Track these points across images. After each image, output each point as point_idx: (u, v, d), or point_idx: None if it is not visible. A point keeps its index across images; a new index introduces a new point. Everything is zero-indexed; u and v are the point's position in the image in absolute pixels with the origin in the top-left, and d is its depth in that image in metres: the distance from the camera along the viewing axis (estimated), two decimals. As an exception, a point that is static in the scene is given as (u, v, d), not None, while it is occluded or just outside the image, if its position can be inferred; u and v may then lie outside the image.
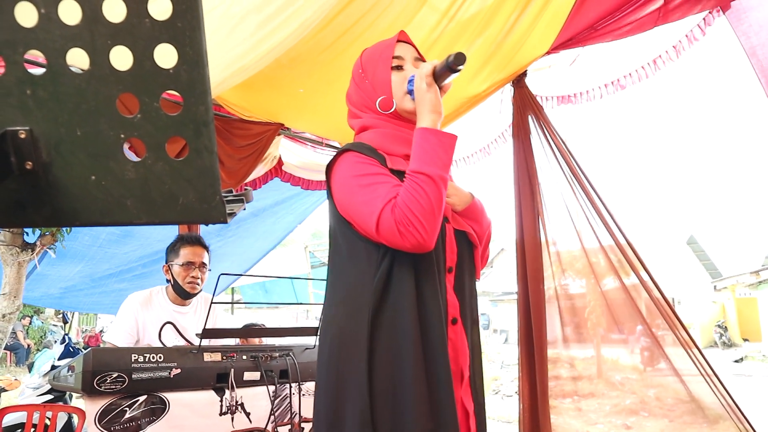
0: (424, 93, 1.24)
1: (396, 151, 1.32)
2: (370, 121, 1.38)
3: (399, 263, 1.20)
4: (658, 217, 30.55)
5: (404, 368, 1.16)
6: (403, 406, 1.15)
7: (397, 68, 1.37)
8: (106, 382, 1.67)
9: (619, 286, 2.82)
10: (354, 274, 1.26)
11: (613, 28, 2.70)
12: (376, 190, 1.19)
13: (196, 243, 2.63)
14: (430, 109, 1.23)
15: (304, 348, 2.20)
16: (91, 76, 0.45)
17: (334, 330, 1.26)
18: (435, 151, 1.19)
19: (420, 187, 1.14)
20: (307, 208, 5.22)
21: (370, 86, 1.38)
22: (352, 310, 1.23)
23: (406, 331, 1.17)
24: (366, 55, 1.44)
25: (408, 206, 1.13)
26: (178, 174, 0.46)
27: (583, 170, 2.85)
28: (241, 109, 3.36)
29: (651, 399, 2.90)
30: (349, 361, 1.19)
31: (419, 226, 1.12)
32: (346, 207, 1.26)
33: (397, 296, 1.19)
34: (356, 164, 1.25)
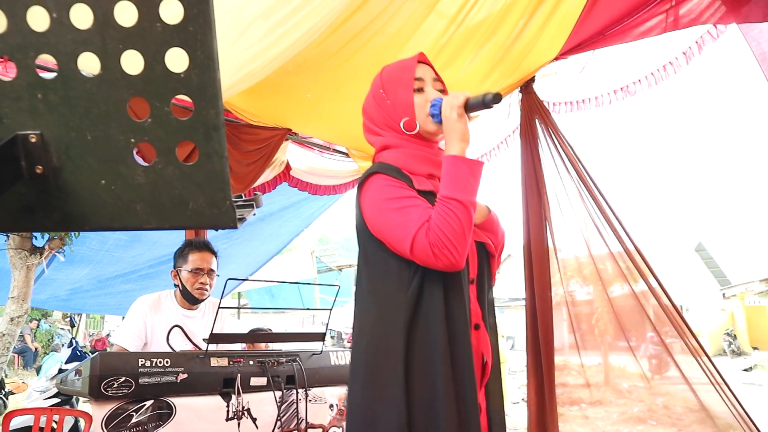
0: (455, 122, 1.30)
1: (420, 171, 1.39)
2: (392, 140, 1.43)
3: (429, 279, 1.28)
4: (667, 223, 30.37)
5: (436, 375, 1.24)
6: (436, 411, 1.23)
7: (418, 90, 1.42)
8: (113, 387, 1.67)
9: (627, 292, 2.80)
10: (386, 288, 1.33)
11: (622, 32, 2.69)
12: (409, 213, 1.26)
13: (204, 248, 2.62)
14: (459, 138, 1.30)
15: (311, 354, 2.19)
16: (101, 81, 0.44)
17: (368, 339, 1.33)
18: (465, 177, 1.27)
19: (452, 211, 1.22)
20: (313, 213, 5.22)
21: (392, 106, 1.43)
22: (386, 322, 1.30)
23: (437, 341, 1.25)
24: (386, 74, 1.48)
25: (441, 230, 1.21)
26: (188, 178, 0.46)
27: (591, 176, 2.83)
28: (249, 115, 3.37)
29: (659, 407, 2.88)
30: (385, 368, 1.26)
31: (452, 248, 1.21)
32: (378, 228, 1.32)
33: (428, 309, 1.27)
34: (387, 187, 1.32)
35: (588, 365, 2.96)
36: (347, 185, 4.52)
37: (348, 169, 4.41)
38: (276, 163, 3.73)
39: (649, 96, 3.04)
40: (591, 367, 2.97)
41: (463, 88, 3.11)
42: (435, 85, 1.45)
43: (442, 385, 1.23)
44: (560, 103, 3.35)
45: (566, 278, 2.98)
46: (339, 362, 2.26)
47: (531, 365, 2.94)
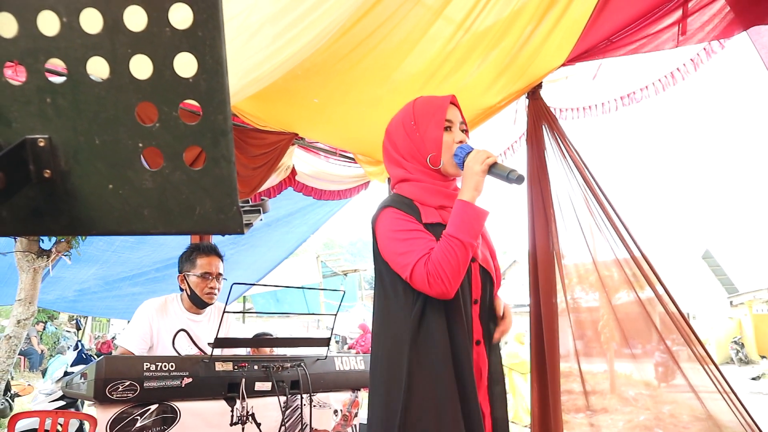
0: (476, 174, 1.46)
1: (431, 203, 1.54)
2: (413, 173, 1.59)
3: (431, 300, 1.44)
4: (674, 231, 30.22)
5: (441, 384, 1.40)
6: (441, 415, 1.38)
7: (447, 130, 1.58)
8: (117, 390, 1.67)
9: (633, 299, 2.79)
10: (396, 307, 1.50)
11: (630, 41, 2.68)
12: (413, 245, 1.44)
13: (212, 253, 2.61)
14: (474, 187, 1.46)
15: (316, 359, 2.19)
16: (110, 85, 0.45)
17: (381, 353, 1.50)
18: (471, 222, 1.42)
19: (453, 249, 1.38)
20: (320, 219, 5.22)
21: (421, 140, 1.57)
22: (395, 337, 1.47)
23: (440, 355, 1.41)
24: (419, 107, 1.62)
25: (440, 263, 1.38)
26: (195, 184, 0.45)
27: (598, 182, 2.82)
28: (256, 119, 3.38)
29: (665, 415, 2.85)
30: (395, 379, 1.42)
31: (446, 280, 1.37)
32: (387, 255, 1.50)
33: (430, 327, 1.44)
34: (395, 220, 1.49)
35: (593, 372, 2.94)
36: (352, 191, 4.52)
37: (354, 174, 4.41)
38: (282, 167, 3.74)
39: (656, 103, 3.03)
40: (596, 375, 2.96)
41: (470, 93, 3.13)
42: (461, 128, 1.61)
43: (447, 394, 1.38)
44: (567, 109, 3.35)
45: (571, 285, 2.97)
46: (344, 368, 2.26)
47: (535, 372, 2.93)
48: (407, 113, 1.62)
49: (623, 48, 2.74)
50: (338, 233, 52.13)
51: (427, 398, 1.39)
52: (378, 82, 2.96)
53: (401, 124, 1.62)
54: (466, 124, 1.65)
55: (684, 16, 2.53)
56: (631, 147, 70.45)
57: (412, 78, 2.92)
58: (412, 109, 1.62)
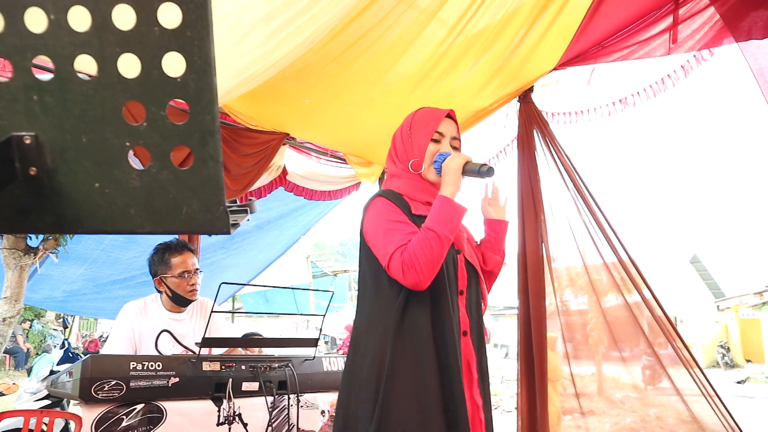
0: (453, 171, 1.53)
1: (419, 198, 1.62)
2: (401, 172, 1.67)
3: (416, 291, 1.47)
4: (662, 235, 30.45)
5: (425, 377, 1.43)
6: (425, 408, 1.41)
7: (436, 141, 1.65)
8: (103, 390, 1.66)
9: (621, 303, 2.81)
10: (378, 296, 1.53)
11: (621, 46, 2.70)
12: (394, 235, 1.48)
13: (184, 249, 2.57)
14: (452, 183, 1.52)
15: (304, 359, 2.19)
16: (98, 84, 0.44)
17: (361, 342, 1.53)
18: (448, 216, 1.47)
19: (428, 241, 1.42)
20: (311, 220, 5.21)
21: (410, 145, 1.66)
22: (377, 327, 1.50)
23: (424, 346, 1.45)
24: (418, 116, 1.71)
25: (415, 253, 1.41)
26: (182, 183, 0.45)
27: (587, 186, 2.84)
28: (248, 118, 3.37)
29: (652, 418, 2.87)
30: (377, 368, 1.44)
31: (420, 270, 1.41)
32: (371, 243, 1.55)
33: (414, 316, 1.47)
34: (383, 210, 1.55)
35: (582, 375, 2.96)
36: (343, 191, 4.52)
37: (344, 175, 4.41)
38: (273, 167, 3.73)
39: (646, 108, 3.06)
40: (584, 377, 2.97)
41: (461, 95, 3.14)
42: (452, 142, 1.68)
43: (431, 384, 1.42)
44: (558, 113, 3.36)
45: (561, 288, 2.98)
46: (331, 368, 2.26)
47: (523, 374, 2.94)
48: (407, 120, 1.72)
49: (614, 54, 2.76)
50: (328, 234, 52.04)
51: (408, 386, 1.42)
52: (370, 84, 2.96)
53: (401, 129, 1.72)
54: (460, 139, 1.72)
55: (675, 24, 2.55)
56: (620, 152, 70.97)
57: (405, 79, 2.92)
58: (412, 118, 1.71)
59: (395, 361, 1.43)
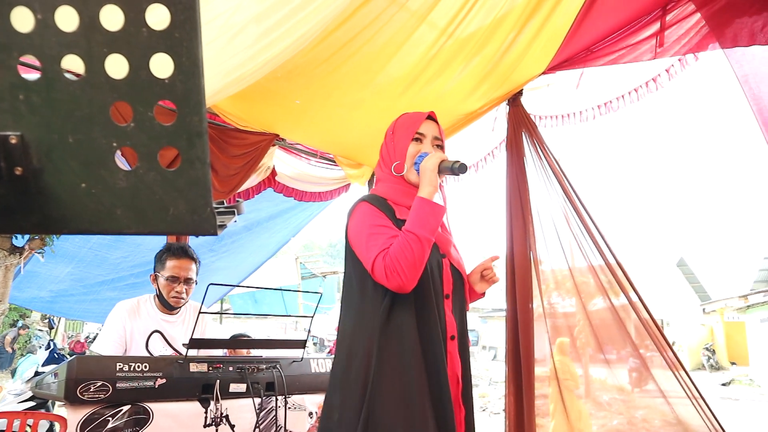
0: (429, 171, 1.54)
1: (404, 203, 1.63)
2: (386, 177, 1.70)
3: (401, 293, 1.47)
4: (650, 238, 30.71)
5: (411, 378, 1.43)
6: (409, 404, 1.41)
7: (417, 140, 1.67)
8: (89, 391, 1.65)
9: (607, 306, 2.82)
10: (364, 300, 1.54)
11: (609, 51, 2.73)
12: (377, 240, 1.49)
13: (183, 255, 2.57)
14: (428, 183, 1.53)
15: (292, 361, 2.18)
16: (85, 84, 0.44)
17: (347, 345, 1.53)
18: (426, 217, 1.48)
19: (409, 243, 1.43)
20: (301, 222, 5.20)
21: (393, 148, 1.68)
22: (362, 330, 1.50)
23: (410, 348, 1.45)
24: (400, 120, 1.73)
25: (397, 257, 1.42)
26: (169, 184, 0.45)
27: (575, 190, 2.86)
28: (237, 119, 3.36)
29: (638, 420, 2.89)
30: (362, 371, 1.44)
31: (402, 273, 1.41)
32: (355, 247, 1.56)
33: (400, 319, 1.48)
34: (367, 214, 1.57)
35: (569, 377, 2.97)
36: (333, 193, 4.51)
37: (334, 176, 4.41)
38: (262, 168, 3.72)
39: (634, 112, 3.12)
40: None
41: (451, 99, 3.15)
42: (434, 142, 1.69)
43: (417, 388, 1.42)
44: (546, 116, 3.39)
45: (548, 290, 3.00)
46: (320, 370, 2.25)
47: (511, 376, 2.95)
48: (391, 125, 1.74)
49: (602, 58, 2.78)
50: (318, 235, 51.97)
51: (395, 389, 1.42)
52: (360, 85, 2.97)
53: (386, 134, 1.75)
54: (443, 139, 1.73)
55: (662, 29, 2.58)
56: (609, 156, 71.50)
57: (395, 82, 2.93)
58: (395, 122, 1.74)
59: (381, 364, 1.44)
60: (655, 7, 2.57)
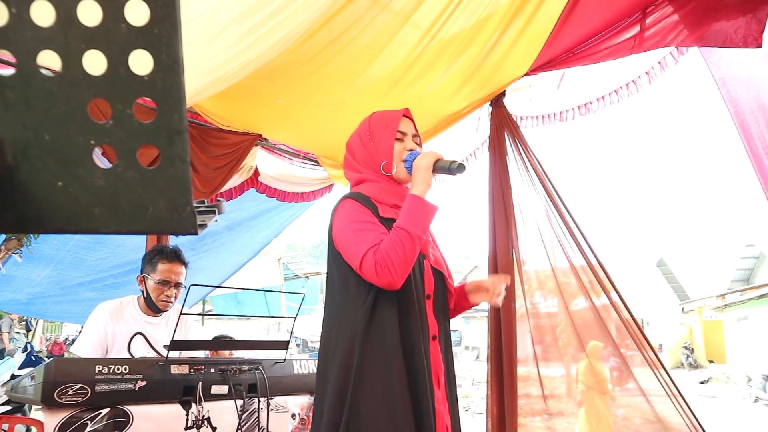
0: (423, 170, 1.54)
1: (387, 201, 1.62)
2: (369, 176, 1.68)
3: (384, 293, 1.48)
4: (630, 239, 31.09)
5: (392, 379, 1.43)
6: (391, 406, 1.41)
7: (399, 140, 1.67)
8: (67, 394, 1.62)
9: (589, 306, 2.85)
10: (346, 300, 1.53)
11: (591, 52, 2.76)
12: (366, 236, 1.48)
13: (175, 259, 2.53)
14: (422, 181, 1.54)
15: (274, 362, 2.17)
16: (62, 80, 0.43)
17: (332, 347, 1.52)
18: (419, 215, 1.48)
19: (400, 240, 1.43)
20: (283, 222, 5.17)
21: (375, 149, 1.67)
22: (345, 330, 1.49)
23: (392, 349, 1.45)
24: (374, 120, 1.72)
25: (388, 253, 1.41)
26: (149, 183, 0.45)
27: (557, 190, 2.89)
28: (219, 119, 3.34)
29: (619, 419, 2.93)
30: (345, 372, 1.44)
31: (393, 270, 1.40)
32: (340, 245, 1.54)
33: (381, 320, 1.47)
34: (353, 211, 1.55)
35: (550, 377, 3.00)
36: (316, 193, 4.50)
37: (317, 177, 4.39)
38: (244, 168, 3.70)
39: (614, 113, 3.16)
40: (554, 379, 3.01)
41: (435, 100, 3.16)
42: (414, 140, 1.70)
43: (398, 388, 1.43)
44: (527, 117, 3.41)
45: (531, 290, 3.02)
46: (302, 371, 2.24)
47: (493, 376, 2.97)
48: (364, 126, 1.73)
49: (584, 59, 2.81)
50: (301, 236, 51.77)
51: (376, 390, 1.42)
52: (343, 86, 2.96)
53: (358, 137, 1.72)
54: (419, 136, 1.74)
55: (642, 31, 2.61)
56: (589, 156, 72.32)
57: (378, 82, 2.93)
58: (369, 122, 1.72)
59: (363, 365, 1.44)
60: (636, 10, 2.60)
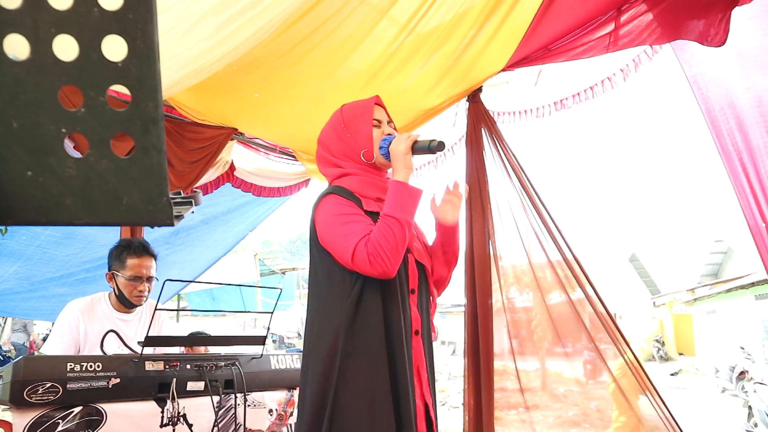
0: (402, 154, 1.53)
1: (370, 195, 1.61)
2: (349, 169, 1.66)
3: (368, 287, 1.48)
4: (604, 235, 31.61)
5: (375, 373, 1.44)
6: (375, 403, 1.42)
7: (376, 126, 1.67)
8: (37, 393, 1.58)
9: (564, 300, 2.89)
10: (330, 295, 1.52)
11: (566, 49, 2.78)
12: (354, 227, 1.47)
13: (144, 253, 2.47)
14: (403, 167, 1.53)
15: (251, 357, 2.15)
16: (31, 66, 0.42)
17: (316, 342, 1.52)
18: (405, 200, 1.48)
19: (390, 228, 1.43)
20: (258, 217, 5.12)
21: (353, 139, 1.65)
22: (329, 325, 1.49)
23: (376, 343, 1.46)
24: (347, 111, 1.70)
25: (379, 242, 1.41)
26: (123, 173, 0.43)
27: (534, 186, 2.91)
28: (195, 112, 3.29)
29: (593, 411, 2.97)
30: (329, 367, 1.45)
31: (386, 258, 1.41)
32: (327, 240, 1.53)
33: (366, 314, 1.47)
34: (337, 205, 1.54)
35: (526, 370, 3.03)
36: (293, 188, 4.47)
37: (294, 172, 4.36)
38: (220, 163, 3.65)
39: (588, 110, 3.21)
40: (529, 373, 3.04)
41: (412, 94, 3.16)
42: (389, 125, 1.70)
43: (380, 380, 1.43)
44: (504, 113, 3.43)
45: (506, 285, 3.05)
46: (279, 366, 2.23)
47: (470, 370, 2.98)
48: (336, 118, 1.71)
49: (560, 56, 2.84)
50: (277, 231, 51.49)
51: (359, 383, 1.43)
52: (321, 79, 2.94)
53: (332, 129, 1.70)
54: (393, 122, 1.73)
55: (616, 29, 2.64)
56: (562, 153, 73.31)
57: (356, 76, 2.91)
58: (341, 114, 1.70)
59: (346, 359, 1.44)
60: (611, 8, 2.63)
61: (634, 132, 73.81)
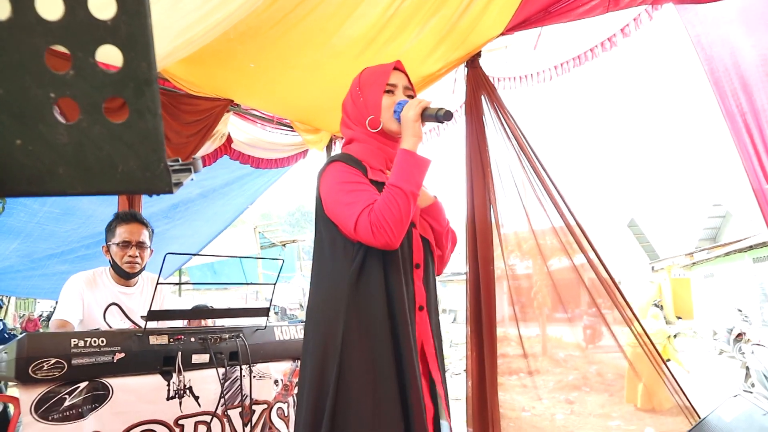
0: (411, 121, 1.48)
1: (376, 165, 1.57)
2: (359, 135, 1.61)
3: (370, 257, 1.45)
4: (602, 200, 31.60)
5: (375, 344, 1.42)
6: (379, 379, 1.40)
7: (389, 92, 1.60)
8: (42, 369, 1.58)
9: (565, 266, 2.89)
10: (333, 264, 1.50)
11: (567, 9, 2.72)
12: (358, 196, 1.44)
13: (132, 220, 2.51)
14: (412, 134, 1.48)
15: (255, 329, 2.15)
16: (12, 26, 0.39)
17: (317, 312, 1.51)
18: (411, 170, 1.44)
19: (394, 198, 1.39)
20: (257, 189, 5.10)
21: (363, 104, 1.60)
22: (332, 293, 1.47)
23: (379, 318, 1.43)
24: (365, 75, 1.65)
25: (382, 212, 1.38)
26: (117, 138, 0.41)
27: (535, 152, 2.88)
28: (189, 84, 3.23)
29: (592, 375, 3.00)
30: (330, 344, 1.43)
31: (389, 229, 1.37)
32: (331, 207, 1.50)
33: (367, 284, 1.44)
34: (343, 172, 1.50)
35: (527, 336, 3.05)
36: (290, 159, 4.43)
37: (291, 142, 4.32)
38: (217, 135, 3.61)
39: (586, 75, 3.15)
40: (530, 338, 3.07)
41: (410, 61, 3.09)
42: (405, 92, 1.62)
43: (381, 353, 1.41)
44: (504, 78, 3.38)
45: (507, 252, 3.04)
46: (284, 337, 2.24)
47: (473, 337, 3.00)
48: (355, 82, 1.66)
49: (560, 18, 2.77)
50: (276, 204, 51.44)
51: (363, 359, 1.40)
52: (316, 46, 2.88)
53: (350, 93, 1.66)
54: (413, 88, 1.66)
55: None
56: (561, 118, 72.84)
57: (352, 43, 2.85)
58: (359, 78, 1.65)
59: (350, 334, 1.41)
60: (612, -33, 2.56)
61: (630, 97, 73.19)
